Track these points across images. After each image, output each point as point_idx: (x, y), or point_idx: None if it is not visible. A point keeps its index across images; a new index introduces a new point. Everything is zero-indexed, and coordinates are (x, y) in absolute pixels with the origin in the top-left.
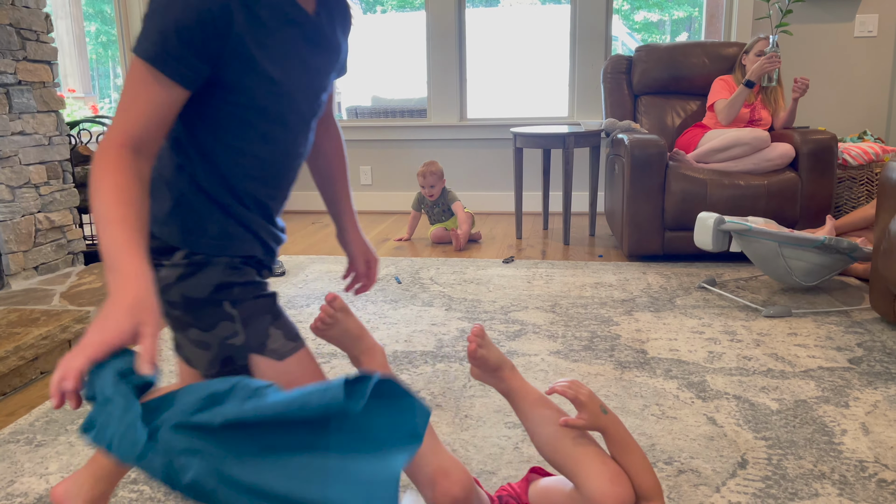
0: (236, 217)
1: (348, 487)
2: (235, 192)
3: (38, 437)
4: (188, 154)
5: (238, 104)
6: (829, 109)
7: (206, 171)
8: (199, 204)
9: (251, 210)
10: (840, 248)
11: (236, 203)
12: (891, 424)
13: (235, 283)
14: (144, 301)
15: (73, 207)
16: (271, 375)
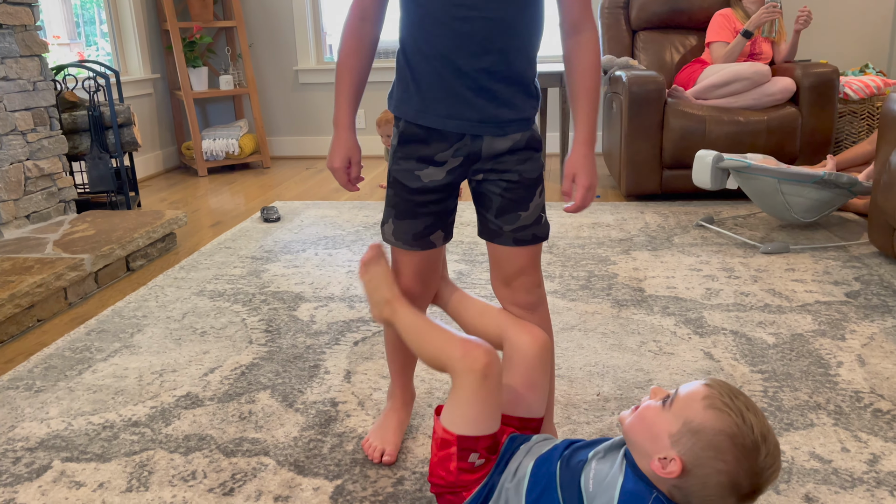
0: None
1: None
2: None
3: (38, 382)
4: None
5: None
6: (830, 42)
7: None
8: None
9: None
10: (840, 183)
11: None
12: (887, 356)
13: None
14: (349, 142)
15: (62, 155)
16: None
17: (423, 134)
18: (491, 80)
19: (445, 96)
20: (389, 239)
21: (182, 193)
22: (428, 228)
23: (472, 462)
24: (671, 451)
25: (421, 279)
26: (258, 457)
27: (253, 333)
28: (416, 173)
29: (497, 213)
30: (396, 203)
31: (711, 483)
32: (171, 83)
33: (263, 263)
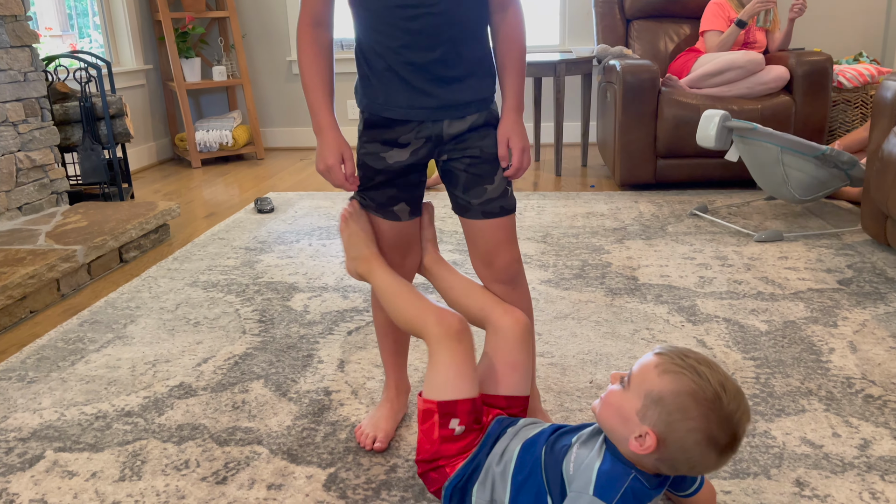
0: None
1: None
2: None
3: (31, 373)
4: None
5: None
6: (824, 30)
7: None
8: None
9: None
10: (840, 161)
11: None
12: (878, 342)
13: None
14: (339, 141)
15: (54, 146)
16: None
17: (386, 121)
18: (445, 68)
19: (404, 89)
20: (363, 203)
21: (176, 185)
22: (391, 200)
23: (452, 429)
24: (642, 426)
25: (397, 249)
26: (251, 445)
27: (246, 324)
28: (381, 155)
29: (464, 189)
30: (363, 177)
31: (689, 444)
32: (164, 74)
33: (257, 254)
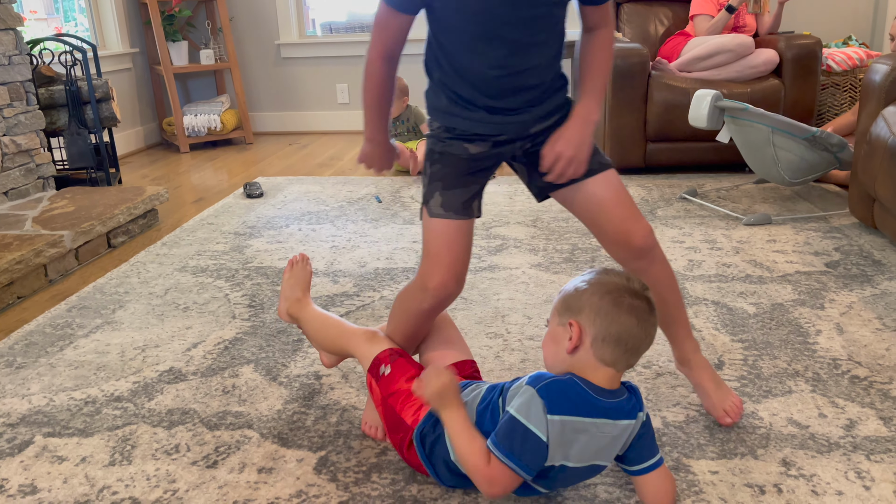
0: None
1: None
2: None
3: (19, 359)
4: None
5: (438, 22)
6: (814, 14)
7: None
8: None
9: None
10: (830, 143)
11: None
12: (865, 324)
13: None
14: (374, 153)
15: (40, 130)
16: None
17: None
18: (528, 107)
19: (487, 119)
20: (438, 212)
21: (164, 170)
22: (473, 196)
23: (383, 373)
24: (566, 329)
25: (457, 268)
26: (242, 430)
27: (236, 308)
28: (465, 146)
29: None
30: (444, 175)
31: (605, 309)
32: (151, 58)
33: (246, 239)
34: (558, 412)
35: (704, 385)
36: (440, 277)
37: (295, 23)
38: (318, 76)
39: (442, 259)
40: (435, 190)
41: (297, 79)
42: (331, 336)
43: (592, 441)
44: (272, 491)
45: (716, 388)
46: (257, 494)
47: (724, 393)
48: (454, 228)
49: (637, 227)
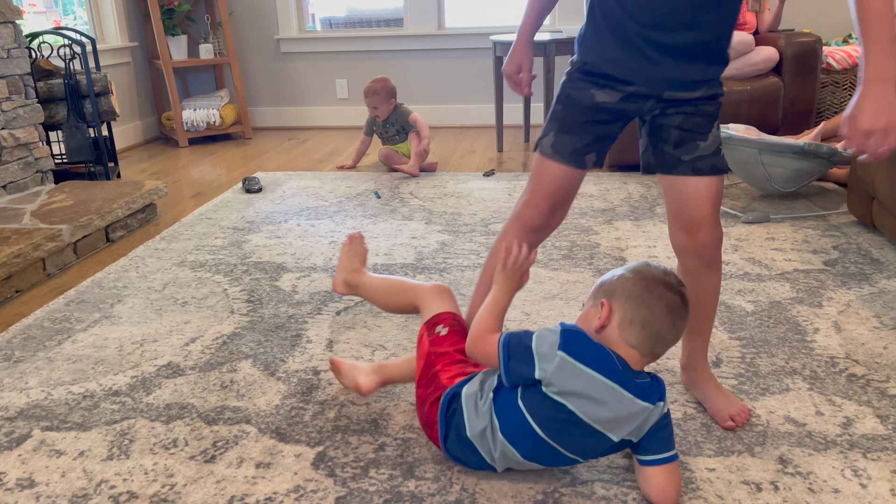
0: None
1: None
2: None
3: (17, 353)
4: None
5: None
6: (814, 12)
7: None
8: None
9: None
10: (819, 153)
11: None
12: (862, 322)
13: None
14: (522, 51)
15: (39, 124)
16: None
17: (607, 74)
18: (682, 48)
19: (636, 54)
20: (546, 152)
21: (162, 164)
22: (587, 147)
23: (438, 332)
24: (596, 309)
25: (552, 204)
26: (240, 424)
27: (234, 303)
28: (591, 91)
29: (675, 145)
30: (563, 118)
31: (636, 294)
32: (150, 52)
33: (245, 234)
34: (568, 352)
35: (711, 392)
36: (532, 201)
37: (294, 18)
38: (318, 71)
39: (540, 188)
40: (551, 129)
41: (297, 74)
42: (397, 290)
43: (605, 405)
44: (270, 486)
45: (722, 395)
46: (255, 489)
47: (731, 400)
48: (558, 170)
49: (711, 225)
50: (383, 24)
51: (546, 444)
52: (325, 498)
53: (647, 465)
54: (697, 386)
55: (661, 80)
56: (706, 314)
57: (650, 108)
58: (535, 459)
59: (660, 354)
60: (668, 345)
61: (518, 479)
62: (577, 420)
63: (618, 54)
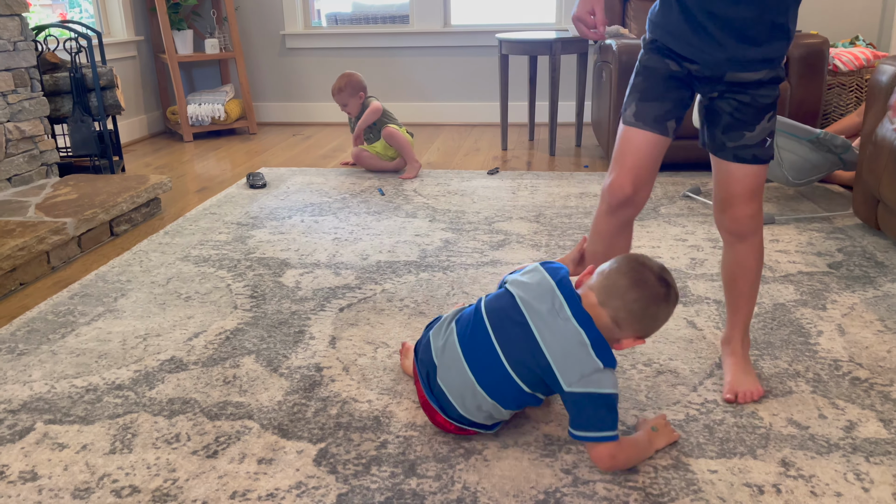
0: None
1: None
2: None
3: (21, 346)
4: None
5: None
6: (821, 13)
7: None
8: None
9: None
10: (834, 145)
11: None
12: (866, 325)
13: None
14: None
15: (44, 117)
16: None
17: (673, 52)
18: (743, 24)
19: (700, 32)
20: (629, 120)
21: (167, 158)
22: (668, 113)
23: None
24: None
25: (637, 177)
26: (242, 420)
27: (238, 299)
28: (666, 61)
29: (724, 130)
30: (644, 88)
31: (612, 262)
32: (156, 46)
33: (249, 229)
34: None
35: (730, 366)
36: (616, 176)
37: (300, 13)
38: (323, 67)
39: (624, 161)
40: (633, 100)
41: (302, 69)
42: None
43: (543, 306)
44: (272, 482)
45: (740, 372)
46: (257, 485)
47: (746, 379)
48: (642, 137)
49: (743, 202)
50: (389, 20)
51: (482, 329)
52: (326, 495)
53: (575, 438)
54: (726, 360)
55: (723, 60)
56: (741, 290)
57: (710, 89)
58: (469, 345)
59: (622, 319)
60: (633, 308)
61: (520, 478)
62: (516, 306)
63: (682, 30)
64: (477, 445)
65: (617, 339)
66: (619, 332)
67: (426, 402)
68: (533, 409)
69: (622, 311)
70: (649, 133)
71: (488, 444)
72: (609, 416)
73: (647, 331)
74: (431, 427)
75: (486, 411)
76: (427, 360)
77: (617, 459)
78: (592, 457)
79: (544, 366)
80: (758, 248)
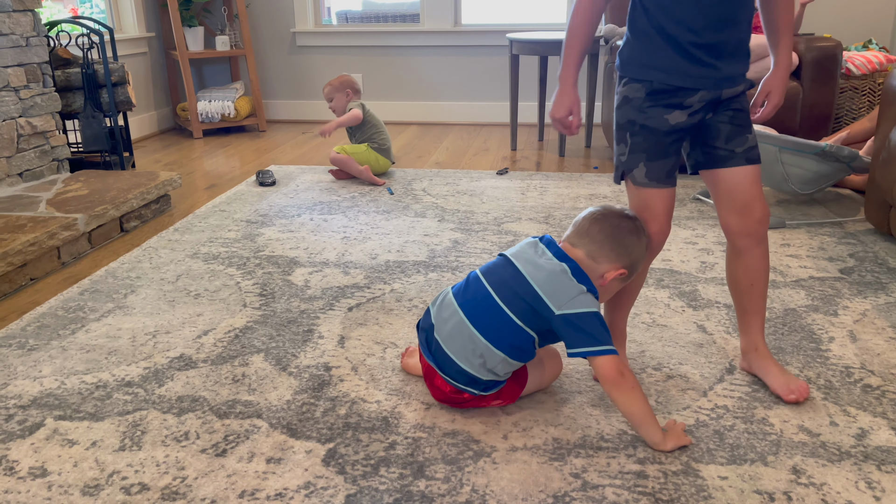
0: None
1: None
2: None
3: (31, 341)
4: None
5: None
6: (835, 16)
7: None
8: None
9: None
10: (840, 157)
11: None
12: (878, 332)
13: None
14: (571, 97)
15: (56, 112)
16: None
17: (674, 89)
18: (727, 46)
19: (693, 62)
20: (643, 181)
21: (177, 155)
22: (674, 166)
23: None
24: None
25: (669, 215)
26: (251, 419)
27: (247, 297)
28: (665, 117)
29: (727, 139)
30: (647, 147)
31: (584, 211)
32: (167, 42)
33: (258, 227)
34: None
35: (772, 369)
36: (658, 225)
37: (311, 11)
38: (333, 65)
39: (656, 214)
40: (639, 160)
41: (312, 67)
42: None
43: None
44: (280, 482)
45: (783, 372)
46: (265, 485)
47: (790, 377)
48: (659, 194)
49: (761, 203)
50: (399, 19)
51: (476, 280)
52: (335, 495)
53: (576, 357)
54: (758, 365)
55: (720, 79)
56: (759, 293)
57: (710, 110)
58: (464, 295)
59: (590, 249)
60: (592, 234)
61: (529, 482)
62: (505, 259)
63: (678, 64)
64: (486, 448)
65: (600, 275)
66: (597, 266)
67: (427, 366)
68: (542, 411)
69: (591, 244)
70: (664, 189)
71: (497, 447)
72: (604, 329)
73: (623, 260)
74: (440, 429)
75: (480, 357)
76: (426, 324)
77: (626, 378)
78: (600, 373)
79: (533, 294)
80: (768, 249)
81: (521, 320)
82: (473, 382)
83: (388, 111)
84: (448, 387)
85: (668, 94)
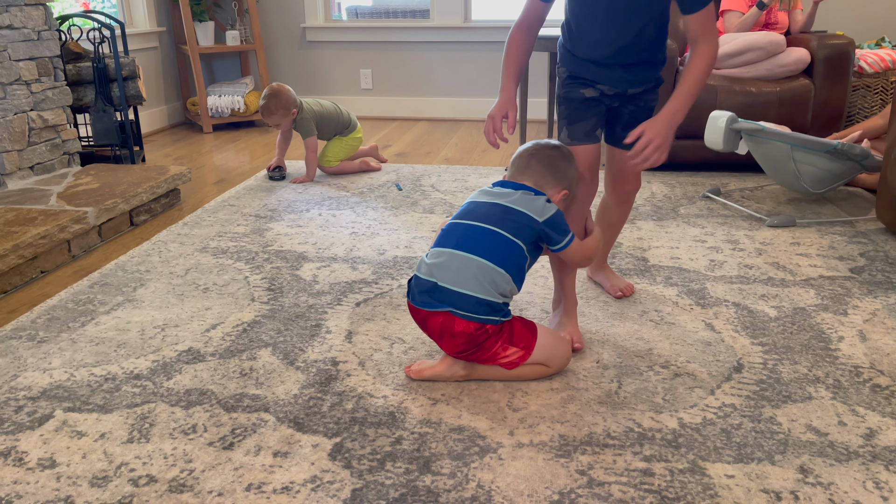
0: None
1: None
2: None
3: (41, 333)
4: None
5: (569, 4)
6: (847, 14)
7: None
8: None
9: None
10: (852, 155)
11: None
12: (888, 332)
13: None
14: (508, 103)
15: (67, 106)
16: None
17: (589, 80)
18: (634, 64)
19: (606, 71)
20: (566, 140)
21: (187, 149)
22: (593, 126)
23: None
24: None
25: (591, 170)
26: (258, 413)
27: (255, 291)
28: (581, 91)
29: (623, 127)
30: (569, 114)
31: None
32: (177, 37)
33: (267, 222)
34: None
35: (606, 274)
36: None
37: (321, 6)
38: (343, 61)
39: (581, 165)
40: (563, 125)
41: (322, 63)
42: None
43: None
44: (287, 475)
45: (615, 277)
46: (272, 478)
47: (620, 279)
48: (583, 150)
49: (633, 178)
50: (409, 14)
51: (456, 224)
52: (341, 489)
53: (560, 249)
54: (597, 273)
55: (622, 81)
56: (615, 232)
57: (616, 101)
58: (451, 238)
59: (534, 179)
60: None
61: (535, 478)
62: (474, 200)
63: (598, 72)
64: (492, 444)
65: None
66: (545, 192)
67: (438, 323)
68: (549, 408)
69: (534, 175)
70: (585, 146)
71: (503, 443)
72: (565, 220)
73: (563, 183)
74: (447, 424)
75: (489, 278)
76: (421, 289)
77: (584, 244)
78: (573, 259)
79: (518, 212)
80: (631, 207)
81: (515, 236)
82: (492, 311)
83: (398, 107)
84: (471, 326)
85: (583, 79)
